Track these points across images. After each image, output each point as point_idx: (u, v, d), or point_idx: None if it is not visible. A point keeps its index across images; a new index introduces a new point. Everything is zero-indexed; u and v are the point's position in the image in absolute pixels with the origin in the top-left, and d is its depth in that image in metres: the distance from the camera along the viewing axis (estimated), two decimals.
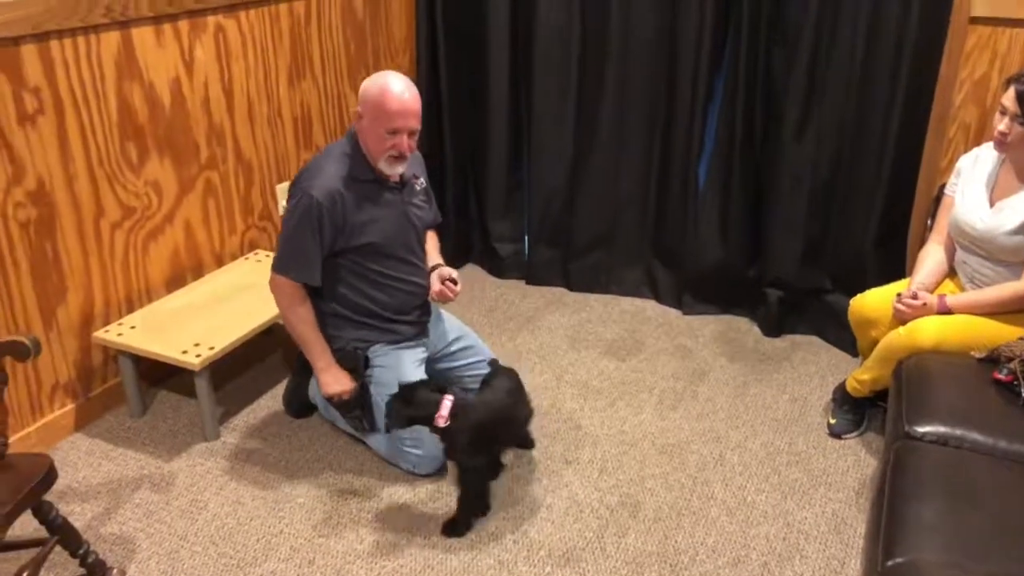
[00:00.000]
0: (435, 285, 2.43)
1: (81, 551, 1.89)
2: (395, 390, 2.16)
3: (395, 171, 2.26)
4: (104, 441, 2.48)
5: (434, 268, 2.46)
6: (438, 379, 2.42)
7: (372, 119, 2.17)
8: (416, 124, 2.20)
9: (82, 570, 1.92)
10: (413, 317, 2.41)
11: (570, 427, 2.56)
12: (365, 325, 2.35)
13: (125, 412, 2.60)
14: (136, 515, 2.19)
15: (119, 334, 2.46)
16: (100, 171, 2.43)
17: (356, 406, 2.33)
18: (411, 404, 2.10)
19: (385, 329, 2.37)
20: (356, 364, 2.33)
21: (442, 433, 2.11)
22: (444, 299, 2.43)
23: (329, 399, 2.35)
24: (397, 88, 2.15)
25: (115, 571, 1.98)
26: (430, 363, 2.48)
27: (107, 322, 2.55)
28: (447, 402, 2.09)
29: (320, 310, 2.35)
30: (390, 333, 2.37)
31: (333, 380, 2.32)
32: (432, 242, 2.53)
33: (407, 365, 2.35)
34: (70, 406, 2.49)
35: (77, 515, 2.18)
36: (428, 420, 2.09)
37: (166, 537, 2.12)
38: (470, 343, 2.57)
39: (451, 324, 2.57)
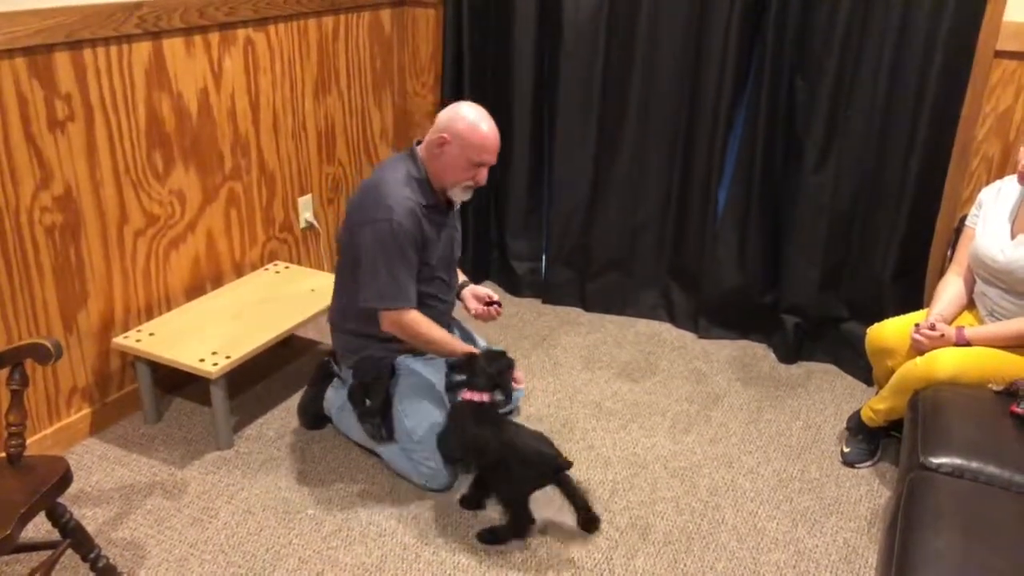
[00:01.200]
0: (471, 304, 2.50)
1: (92, 555, 1.90)
2: (418, 401, 2.26)
3: (464, 199, 2.33)
4: (118, 446, 2.50)
5: (463, 285, 2.54)
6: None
7: (461, 148, 2.21)
8: (495, 160, 2.28)
9: (92, 574, 1.93)
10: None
11: (582, 447, 2.55)
12: (401, 341, 2.36)
13: (140, 418, 2.62)
14: (147, 521, 2.20)
15: (137, 340, 2.49)
16: (126, 178, 2.47)
17: (378, 413, 2.34)
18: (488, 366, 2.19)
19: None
20: (381, 372, 2.34)
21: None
22: (487, 319, 2.50)
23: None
24: (488, 124, 2.23)
25: None
26: (447, 374, 2.50)
27: (126, 328, 2.57)
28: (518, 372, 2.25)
29: (349, 320, 2.37)
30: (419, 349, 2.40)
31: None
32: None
33: (431, 377, 2.38)
34: (87, 410, 2.52)
35: (89, 519, 2.20)
36: (506, 385, 2.20)
37: (176, 544, 2.13)
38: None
39: (466, 335, 2.61)
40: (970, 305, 2.37)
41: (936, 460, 1.85)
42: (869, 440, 2.51)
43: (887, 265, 2.85)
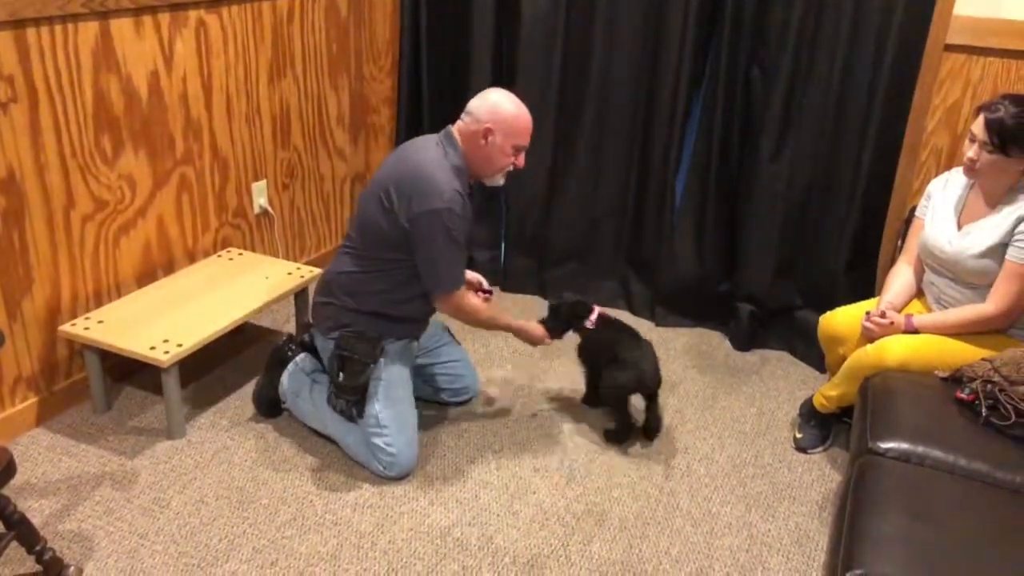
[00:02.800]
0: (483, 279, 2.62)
1: (38, 548, 1.86)
2: (392, 387, 2.32)
3: (500, 183, 2.38)
4: (66, 437, 2.44)
5: None
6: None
7: (505, 135, 2.24)
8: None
9: (38, 567, 1.88)
10: (424, 325, 2.51)
11: (539, 435, 2.56)
12: (392, 323, 2.35)
13: (89, 408, 2.56)
14: (96, 512, 2.16)
15: (86, 328, 2.43)
16: (72, 162, 2.40)
17: (357, 392, 2.31)
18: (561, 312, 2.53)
19: (408, 328, 2.41)
20: (371, 355, 2.30)
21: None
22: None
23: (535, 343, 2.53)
24: (524, 107, 2.27)
25: (72, 569, 1.94)
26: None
27: (74, 316, 2.51)
28: (595, 312, 2.54)
29: (347, 294, 2.34)
30: (409, 331, 2.42)
31: (535, 328, 2.51)
32: None
33: (407, 364, 2.42)
34: (32, 400, 2.45)
35: (35, 511, 2.14)
36: (581, 321, 2.53)
37: (126, 535, 2.09)
38: (447, 341, 2.65)
39: (436, 323, 2.62)
40: (919, 294, 2.42)
41: (884, 445, 1.89)
42: (821, 426, 2.56)
43: (840, 254, 2.90)
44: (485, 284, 2.60)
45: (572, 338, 3.14)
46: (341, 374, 2.29)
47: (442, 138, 2.29)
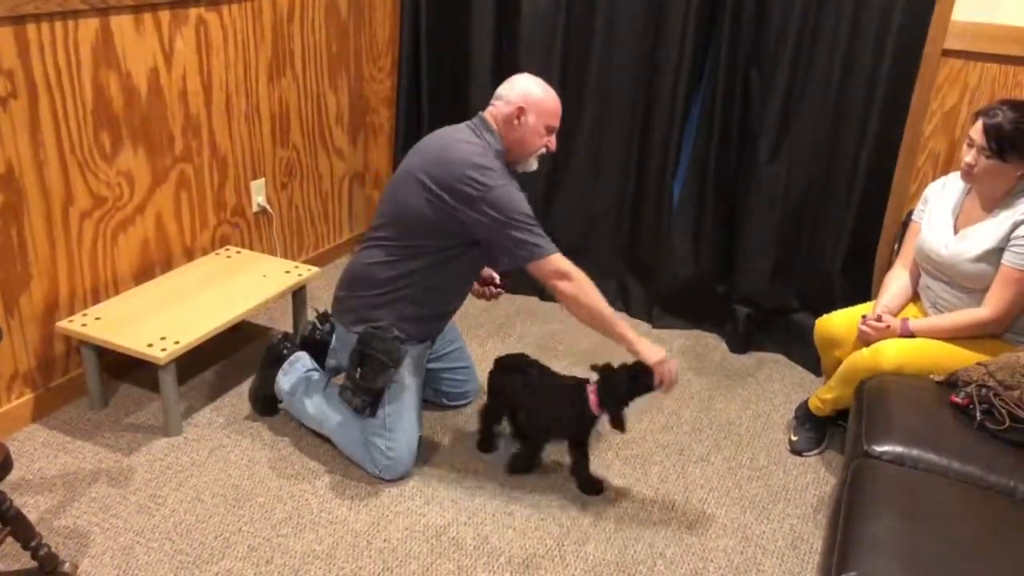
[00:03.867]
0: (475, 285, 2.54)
1: (33, 543, 1.85)
2: (402, 393, 2.29)
3: (533, 167, 2.35)
4: (62, 433, 2.44)
5: None
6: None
7: (538, 115, 2.24)
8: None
9: (34, 563, 1.88)
10: (444, 323, 2.48)
11: None
12: (416, 320, 2.31)
13: (86, 404, 2.56)
14: (92, 509, 2.16)
15: (83, 325, 2.43)
16: (72, 158, 2.40)
17: (374, 393, 2.27)
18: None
19: (429, 326, 2.38)
20: (396, 356, 2.26)
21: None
22: (484, 299, 2.58)
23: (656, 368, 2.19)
24: (552, 89, 2.27)
25: (67, 565, 1.94)
26: None
27: (71, 312, 2.51)
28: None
29: (376, 287, 2.28)
30: (430, 330, 2.39)
31: (654, 347, 2.20)
32: None
33: (419, 370, 2.39)
34: (29, 396, 2.45)
35: (31, 507, 2.14)
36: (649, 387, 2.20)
37: (121, 532, 2.09)
38: (459, 346, 2.64)
39: (451, 327, 2.61)
40: (916, 297, 2.43)
41: (879, 448, 1.89)
42: (816, 429, 2.57)
43: (836, 257, 2.91)
44: (497, 279, 2.56)
45: (566, 337, 3.15)
46: (359, 370, 2.25)
47: (476, 124, 2.25)
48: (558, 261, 2.17)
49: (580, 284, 2.18)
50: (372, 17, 3.48)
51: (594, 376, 2.28)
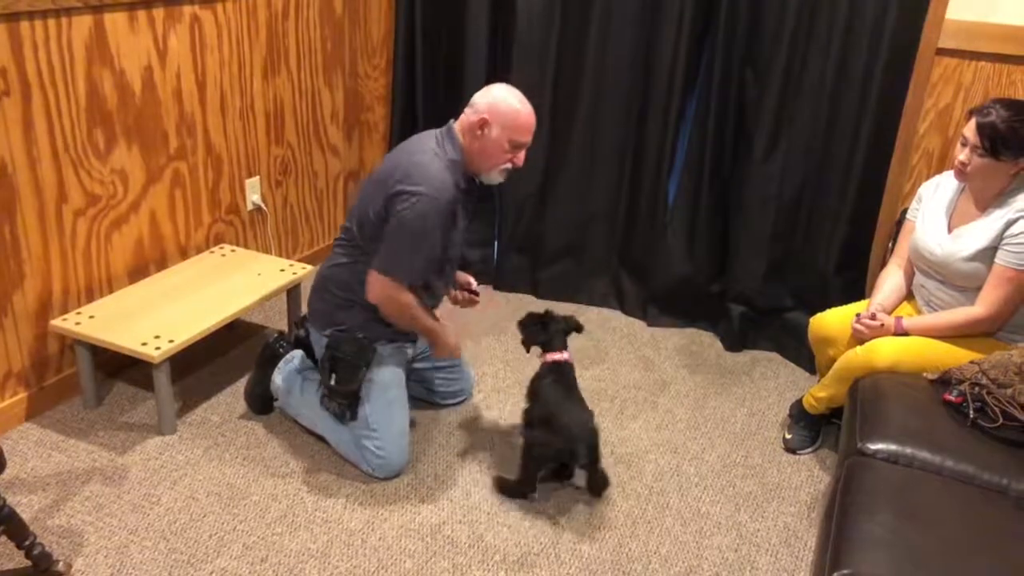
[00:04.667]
0: (451, 291, 2.53)
1: (27, 543, 1.85)
2: (383, 390, 2.28)
3: (499, 181, 2.30)
4: (56, 432, 2.43)
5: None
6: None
7: (502, 129, 2.17)
8: (531, 140, 2.26)
9: (27, 562, 1.88)
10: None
11: None
12: (382, 322, 2.32)
13: (79, 403, 2.55)
14: (86, 508, 2.15)
15: (77, 323, 2.42)
16: (65, 156, 2.40)
17: (350, 395, 2.29)
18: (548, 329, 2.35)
19: (397, 329, 2.36)
20: (364, 355, 2.28)
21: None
22: (463, 306, 2.56)
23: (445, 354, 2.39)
24: (528, 105, 2.20)
25: (61, 564, 1.94)
26: (409, 361, 2.49)
27: (65, 310, 2.50)
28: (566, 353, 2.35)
29: (342, 290, 2.31)
30: (402, 334, 2.38)
31: (446, 334, 2.36)
32: None
33: (400, 368, 2.39)
34: (22, 395, 2.44)
35: (24, 506, 2.14)
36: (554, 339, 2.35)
37: (116, 531, 2.08)
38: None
39: None
40: (909, 296, 2.43)
41: (873, 446, 1.90)
42: (811, 427, 2.57)
43: (831, 256, 2.91)
44: (474, 284, 2.56)
45: None
46: (333, 375, 2.28)
47: (442, 132, 2.25)
48: (395, 289, 2.21)
49: (400, 307, 2.26)
50: (367, 15, 3.47)
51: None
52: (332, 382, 2.28)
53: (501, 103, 2.18)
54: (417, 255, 2.18)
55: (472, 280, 2.57)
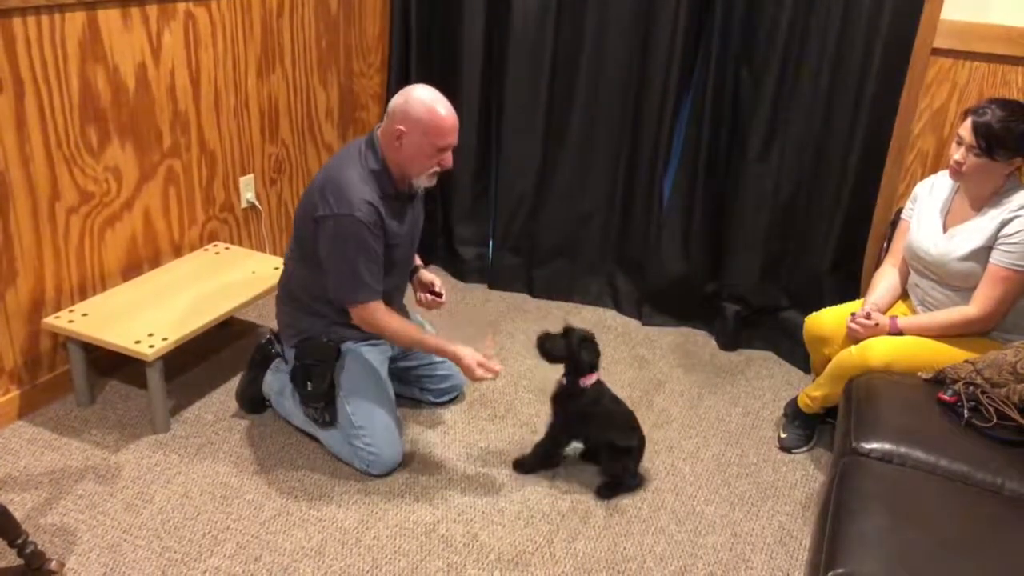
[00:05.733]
0: (417, 289, 2.50)
1: (19, 541, 1.84)
2: (362, 386, 2.26)
3: (429, 185, 2.26)
4: (48, 430, 2.42)
5: (415, 269, 2.52)
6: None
7: (422, 135, 2.12)
8: (456, 140, 2.20)
9: (20, 561, 1.87)
10: None
11: (525, 432, 2.56)
12: (342, 324, 2.33)
13: (72, 401, 2.54)
14: (78, 506, 2.14)
15: (70, 321, 2.41)
16: (58, 153, 2.38)
17: (322, 398, 2.30)
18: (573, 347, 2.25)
19: (365, 333, 2.36)
20: (328, 356, 2.30)
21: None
22: (428, 308, 2.52)
23: (476, 377, 2.25)
24: (444, 107, 2.14)
25: (54, 563, 1.93)
26: (392, 361, 2.48)
27: (58, 308, 2.49)
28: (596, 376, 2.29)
29: (297, 298, 2.33)
30: (367, 335, 2.37)
31: (468, 357, 2.22)
32: None
33: (375, 364, 2.37)
34: (14, 392, 2.43)
35: (16, 504, 2.13)
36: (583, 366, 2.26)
37: (109, 529, 2.08)
38: None
39: (420, 323, 2.59)
40: (904, 295, 2.44)
41: (867, 446, 1.90)
42: (805, 426, 2.57)
43: (826, 255, 2.92)
44: (437, 286, 2.51)
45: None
46: (309, 384, 2.29)
47: (365, 141, 2.21)
48: (368, 311, 2.22)
49: (385, 330, 2.26)
50: (362, 13, 3.46)
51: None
52: (308, 389, 2.29)
53: (415, 110, 2.11)
54: (364, 276, 2.18)
55: (436, 280, 2.52)
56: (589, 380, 2.26)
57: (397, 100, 2.16)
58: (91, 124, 2.46)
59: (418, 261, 2.55)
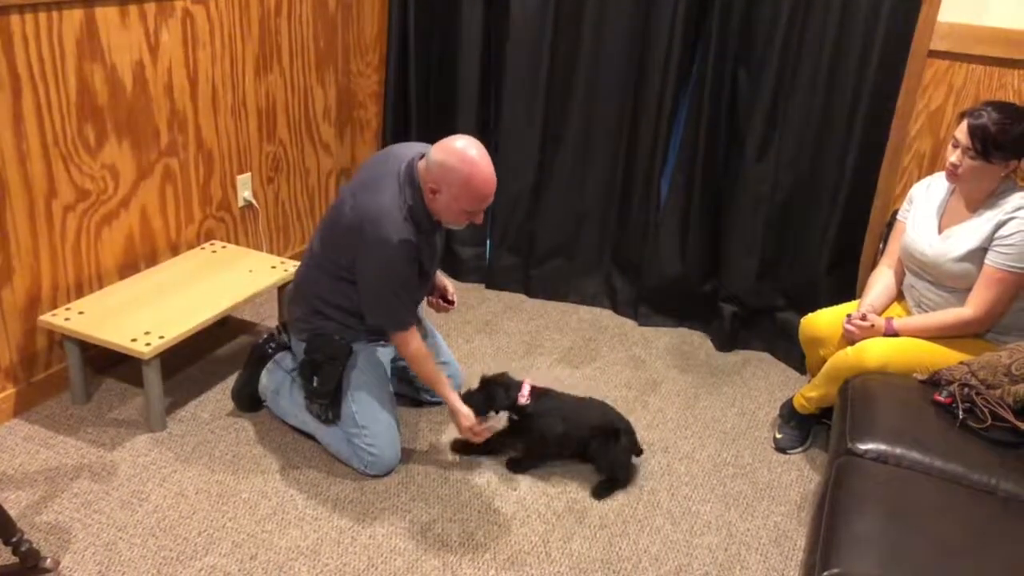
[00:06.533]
0: (450, 286, 2.55)
1: (14, 539, 1.84)
2: (367, 386, 2.29)
3: (460, 227, 2.27)
4: (44, 428, 2.42)
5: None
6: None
7: (455, 198, 2.10)
8: (492, 200, 2.18)
9: (15, 559, 1.87)
10: None
11: None
12: (353, 327, 2.34)
13: (68, 399, 2.54)
14: (74, 505, 2.14)
15: (66, 319, 2.41)
16: (55, 151, 2.38)
17: (328, 395, 2.30)
18: (493, 395, 2.30)
19: (374, 330, 2.37)
20: (340, 355, 2.29)
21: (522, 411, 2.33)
22: (437, 311, 2.56)
23: (462, 433, 2.34)
24: (487, 170, 2.09)
25: (49, 561, 1.93)
26: (392, 360, 2.49)
27: (54, 306, 2.49)
28: (527, 386, 2.32)
29: (314, 302, 2.33)
30: (376, 334, 2.38)
31: (462, 415, 2.29)
32: None
33: (379, 364, 2.38)
34: (10, 390, 2.43)
35: (12, 502, 2.12)
36: (512, 404, 2.30)
37: (104, 528, 2.07)
38: (432, 343, 2.60)
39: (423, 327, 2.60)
40: (900, 297, 2.44)
41: (863, 446, 1.90)
42: (801, 427, 2.58)
43: (822, 257, 2.92)
44: (450, 293, 2.55)
45: (552, 334, 3.15)
46: (315, 378, 2.29)
47: (404, 174, 2.17)
48: (408, 338, 2.26)
49: (415, 359, 2.30)
50: (360, 12, 3.46)
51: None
52: (314, 384, 2.29)
53: (452, 172, 2.07)
54: (399, 309, 2.24)
55: (450, 287, 2.56)
56: (523, 396, 2.31)
57: (437, 155, 2.10)
58: (88, 122, 2.46)
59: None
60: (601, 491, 2.31)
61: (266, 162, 3.20)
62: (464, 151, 2.08)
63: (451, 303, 2.56)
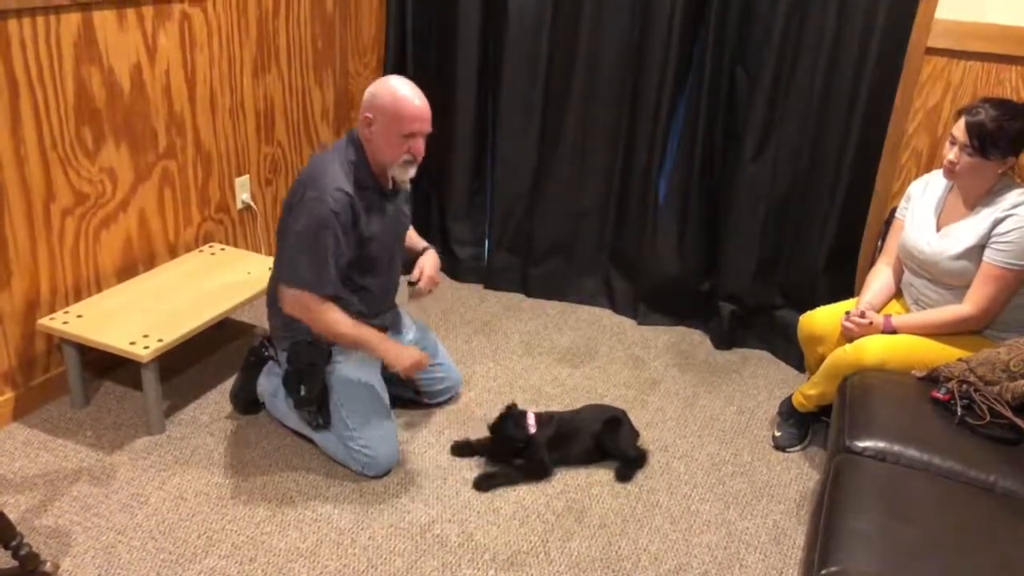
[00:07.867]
0: (416, 271, 2.52)
1: (14, 543, 1.84)
2: (354, 388, 2.27)
3: (407, 175, 2.26)
4: (43, 431, 2.42)
5: (424, 250, 2.57)
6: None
7: (386, 124, 2.16)
8: (429, 127, 2.21)
9: (14, 562, 1.87)
10: (378, 321, 2.42)
11: None
12: None
13: (67, 403, 2.54)
14: (73, 508, 2.14)
15: (65, 322, 2.41)
16: (53, 154, 2.38)
17: (315, 401, 2.30)
18: (507, 440, 2.34)
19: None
20: (319, 357, 2.30)
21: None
22: (418, 295, 2.56)
23: (402, 375, 2.30)
24: (409, 92, 2.17)
25: (48, 564, 1.93)
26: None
27: (53, 309, 2.49)
28: (532, 416, 2.38)
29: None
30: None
31: (400, 351, 2.27)
32: (411, 230, 2.57)
33: (370, 366, 2.36)
34: (9, 394, 2.43)
35: (11, 506, 2.13)
36: (526, 440, 2.34)
37: (103, 531, 2.07)
38: (426, 345, 2.59)
39: (409, 325, 2.59)
40: (898, 294, 2.44)
41: (861, 444, 1.90)
42: (800, 425, 2.58)
43: (820, 254, 2.92)
44: (426, 277, 2.52)
45: (551, 333, 3.15)
46: (302, 387, 2.28)
47: (347, 136, 2.26)
48: (305, 300, 2.19)
49: (332, 330, 2.23)
50: (358, 13, 3.46)
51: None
52: (300, 394, 2.28)
53: (381, 96, 2.16)
54: (308, 260, 2.16)
55: (427, 269, 2.52)
56: (530, 426, 2.35)
57: (368, 89, 2.21)
58: (86, 125, 2.46)
59: (424, 243, 2.59)
60: (624, 473, 2.38)
61: (264, 164, 3.20)
62: (394, 78, 2.20)
63: (426, 283, 2.50)
